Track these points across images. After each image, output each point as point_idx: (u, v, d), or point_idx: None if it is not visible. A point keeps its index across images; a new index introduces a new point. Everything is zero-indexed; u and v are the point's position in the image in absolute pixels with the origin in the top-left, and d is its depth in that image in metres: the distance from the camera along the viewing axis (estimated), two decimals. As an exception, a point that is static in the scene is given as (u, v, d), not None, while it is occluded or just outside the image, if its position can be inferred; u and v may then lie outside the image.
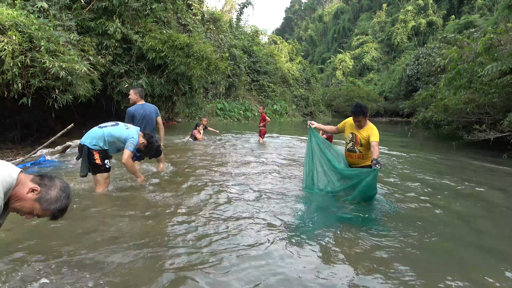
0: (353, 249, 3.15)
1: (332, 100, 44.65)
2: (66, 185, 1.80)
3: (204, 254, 2.84)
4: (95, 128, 4.29)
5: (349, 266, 2.81)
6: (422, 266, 2.89)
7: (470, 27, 35.66)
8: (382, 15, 68.71)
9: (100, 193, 4.29)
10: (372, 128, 4.41)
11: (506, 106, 10.68)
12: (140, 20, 11.18)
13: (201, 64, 11.51)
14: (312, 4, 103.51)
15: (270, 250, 2.98)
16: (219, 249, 2.95)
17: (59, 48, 7.77)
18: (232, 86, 25.94)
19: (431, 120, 14.59)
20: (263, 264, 2.72)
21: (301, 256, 2.93)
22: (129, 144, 4.21)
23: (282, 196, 4.69)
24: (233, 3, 37.98)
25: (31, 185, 1.67)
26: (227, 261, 2.74)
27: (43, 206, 1.68)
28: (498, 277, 2.70)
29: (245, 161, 7.53)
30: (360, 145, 4.48)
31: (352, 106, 4.48)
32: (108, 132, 4.23)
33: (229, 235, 3.26)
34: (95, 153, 4.17)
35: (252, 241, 3.14)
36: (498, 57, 10.11)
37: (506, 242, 3.52)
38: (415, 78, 38.49)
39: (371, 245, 3.20)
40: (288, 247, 3.06)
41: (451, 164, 8.86)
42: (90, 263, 2.55)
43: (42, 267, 2.44)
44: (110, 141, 4.25)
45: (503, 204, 5.03)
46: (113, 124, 4.40)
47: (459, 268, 2.88)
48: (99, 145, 4.19)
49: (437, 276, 2.69)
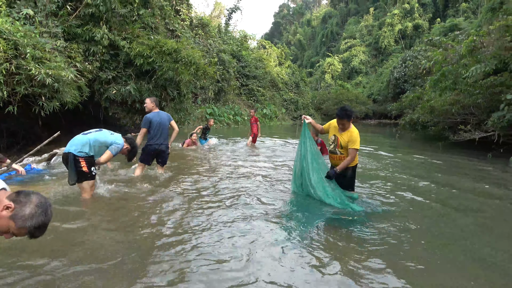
0: (339, 249, 3.20)
1: (321, 104, 44.98)
2: (43, 201, 1.67)
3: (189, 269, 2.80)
4: (79, 136, 4.29)
5: (339, 271, 2.85)
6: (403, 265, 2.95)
7: (455, 29, 36.32)
8: (370, 19, 69.58)
9: (87, 199, 4.28)
10: (352, 133, 4.44)
11: (490, 106, 10.90)
12: (128, 26, 11.14)
13: (190, 70, 11.50)
14: (300, 8, 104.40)
15: (257, 257, 3.00)
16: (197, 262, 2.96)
17: (45, 55, 7.72)
18: (221, 91, 25.95)
19: (418, 121, 14.81)
20: (248, 273, 2.73)
21: (289, 259, 2.96)
22: (113, 148, 4.29)
23: (272, 200, 4.73)
24: (221, 8, 38.17)
25: (6, 202, 1.58)
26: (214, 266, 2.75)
27: (18, 224, 1.58)
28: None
29: (235, 166, 7.56)
30: (341, 147, 4.53)
31: (338, 109, 4.51)
32: (93, 138, 4.24)
33: (218, 241, 3.28)
34: (81, 160, 4.16)
35: (235, 248, 3.13)
36: (481, 59, 10.34)
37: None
38: (402, 81, 39.02)
39: (358, 244, 3.26)
40: (276, 251, 3.09)
41: (437, 164, 9.01)
42: (67, 281, 2.49)
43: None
44: (95, 147, 4.25)
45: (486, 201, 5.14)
46: (97, 130, 4.42)
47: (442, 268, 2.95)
48: (84, 151, 4.18)
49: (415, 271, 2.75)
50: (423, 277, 2.72)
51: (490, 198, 5.42)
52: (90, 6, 9.73)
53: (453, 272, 2.82)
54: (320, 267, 2.83)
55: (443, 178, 7.00)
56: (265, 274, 2.67)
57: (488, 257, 3.12)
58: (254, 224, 3.74)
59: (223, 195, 4.94)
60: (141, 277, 2.56)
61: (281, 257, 2.97)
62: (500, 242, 3.54)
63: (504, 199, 5.38)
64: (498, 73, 10.70)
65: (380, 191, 5.49)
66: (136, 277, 2.56)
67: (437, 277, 2.72)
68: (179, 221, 3.82)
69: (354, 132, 4.43)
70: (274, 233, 3.51)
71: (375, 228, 3.73)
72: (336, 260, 2.95)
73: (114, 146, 4.30)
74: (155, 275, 2.61)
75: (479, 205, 4.96)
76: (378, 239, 3.42)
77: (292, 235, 3.48)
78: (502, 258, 3.11)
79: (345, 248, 3.23)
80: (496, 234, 3.81)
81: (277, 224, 3.77)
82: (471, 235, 3.73)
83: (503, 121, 9.46)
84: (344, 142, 4.47)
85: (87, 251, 2.97)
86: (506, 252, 3.24)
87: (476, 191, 5.90)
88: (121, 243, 3.18)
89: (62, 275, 2.54)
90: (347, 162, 4.38)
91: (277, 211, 4.26)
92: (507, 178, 7.31)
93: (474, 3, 48.79)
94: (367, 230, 3.69)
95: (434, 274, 2.77)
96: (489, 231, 3.89)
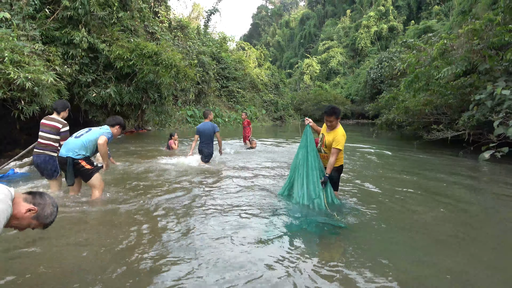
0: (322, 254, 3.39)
1: (300, 104, 45.42)
2: (54, 200, 2.05)
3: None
4: (72, 140, 4.42)
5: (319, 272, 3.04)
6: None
7: (428, 31, 37.44)
8: (346, 20, 70.70)
9: (99, 198, 4.52)
10: (338, 133, 4.48)
11: (460, 106, 11.40)
12: (107, 29, 11.11)
13: (170, 72, 11.55)
14: (279, 10, 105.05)
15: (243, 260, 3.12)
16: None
17: (23, 58, 7.66)
18: (201, 93, 25.97)
19: (394, 121, 15.28)
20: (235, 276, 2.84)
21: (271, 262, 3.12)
22: (105, 133, 4.44)
23: (258, 206, 4.78)
24: (200, 10, 38.09)
25: (27, 205, 1.89)
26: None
27: (40, 221, 1.95)
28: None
29: (221, 168, 7.68)
30: (325, 146, 4.63)
31: (326, 107, 4.61)
32: (86, 139, 4.40)
33: (205, 247, 3.42)
34: (81, 162, 4.34)
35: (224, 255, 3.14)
36: (452, 61, 10.82)
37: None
38: (379, 81, 39.87)
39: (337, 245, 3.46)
40: (260, 256, 3.18)
41: (410, 161, 9.39)
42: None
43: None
44: (90, 147, 4.42)
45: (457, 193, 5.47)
46: (87, 130, 4.55)
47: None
48: (82, 153, 4.35)
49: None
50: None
51: (459, 192, 5.77)
52: (68, 9, 9.69)
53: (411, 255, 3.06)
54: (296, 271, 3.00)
55: (416, 174, 7.35)
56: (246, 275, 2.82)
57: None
58: (236, 230, 3.82)
59: (212, 200, 5.07)
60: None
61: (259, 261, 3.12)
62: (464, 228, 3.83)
63: (472, 192, 5.75)
64: (468, 75, 11.22)
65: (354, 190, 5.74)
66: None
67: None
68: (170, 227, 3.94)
69: (340, 133, 4.46)
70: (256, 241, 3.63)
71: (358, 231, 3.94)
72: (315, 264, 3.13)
73: (105, 133, 4.45)
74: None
75: (448, 194, 5.27)
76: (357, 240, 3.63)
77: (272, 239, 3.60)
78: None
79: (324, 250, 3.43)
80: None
81: (258, 232, 3.81)
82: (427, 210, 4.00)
83: (472, 121, 9.93)
84: (328, 141, 4.52)
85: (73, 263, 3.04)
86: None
87: (446, 184, 6.25)
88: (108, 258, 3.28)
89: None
90: (331, 162, 4.42)
91: (262, 216, 4.35)
92: (475, 173, 7.83)
93: (446, 6, 50.44)
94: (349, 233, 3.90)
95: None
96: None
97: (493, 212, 4.79)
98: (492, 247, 3.47)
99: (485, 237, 3.79)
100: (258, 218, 4.12)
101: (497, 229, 4.09)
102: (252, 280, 2.63)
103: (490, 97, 9.60)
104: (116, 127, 4.65)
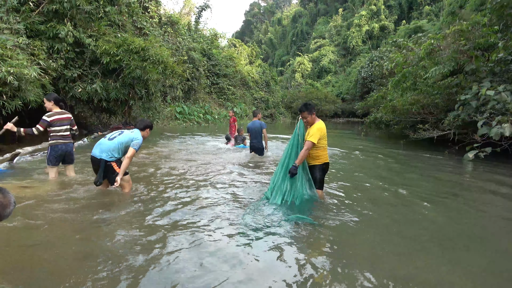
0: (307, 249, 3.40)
1: (291, 102, 45.52)
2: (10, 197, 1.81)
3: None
4: (105, 141, 4.69)
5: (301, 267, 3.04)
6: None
7: (419, 31, 37.82)
8: (338, 19, 70.83)
9: (128, 192, 4.85)
10: (313, 127, 4.51)
11: (447, 106, 11.53)
12: (94, 23, 10.94)
13: (157, 68, 11.45)
14: (271, 7, 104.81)
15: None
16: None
17: (6, 52, 7.52)
18: (191, 89, 25.85)
19: (381, 120, 15.39)
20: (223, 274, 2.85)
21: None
22: (134, 143, 4.64)
23: (241, 205, 4.74)
24: (191, 6, 37.87)
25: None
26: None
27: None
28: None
29: (210, 167, 7.65)
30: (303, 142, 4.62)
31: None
32: (118, 142, 4.65)
33: (192, 246, 3.40)
34: (114, 165, 4.61)
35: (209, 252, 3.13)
36: (439, 61, 10.92)
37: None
38: (369, 80, 40.08)
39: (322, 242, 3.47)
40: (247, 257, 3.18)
41: (396, 160, 9.48)
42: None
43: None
44: (121, 149, 4.68)
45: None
46: (119, 133, 4.79)
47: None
48: (114, 156, 4.64)
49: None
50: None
51: (442, 187, 5.83)
52: (53, 2, 9.53)
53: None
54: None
55: (400, 172, 7.42)
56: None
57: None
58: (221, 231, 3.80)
59: (208, 196, 5.06)
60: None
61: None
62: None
63: (454, 187, 5.82)
64: (455, 75, 11.34)
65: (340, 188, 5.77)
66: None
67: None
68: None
69: (315, 127, 4.48)
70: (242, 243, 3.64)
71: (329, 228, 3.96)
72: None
73: (134, 142, 4.65)
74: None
75: (429, 192, 5.33)
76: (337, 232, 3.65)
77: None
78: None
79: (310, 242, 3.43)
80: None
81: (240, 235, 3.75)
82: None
83: (458, 120, 10.05)
84: (306, 136, 4.54)
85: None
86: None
87: (429, 181, 6.31)
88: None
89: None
90: (301, 154, 4.39)
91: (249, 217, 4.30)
92: (459, 171, 7.96)
93: (437, 7, 50.89)
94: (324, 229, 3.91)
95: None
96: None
97: (475, 206, 4.86)
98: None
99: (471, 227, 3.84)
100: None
101: (480, 223, 4.15)
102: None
103: (475, 97, 9.72)
104: (146, 130, 4.89)
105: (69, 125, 5.44)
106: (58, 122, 5.29)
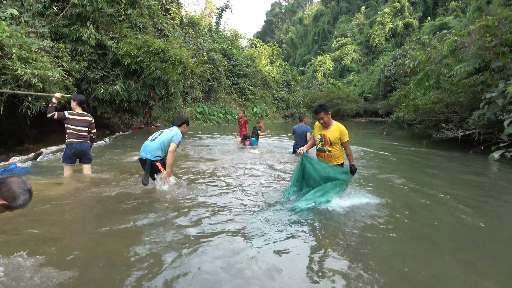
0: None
1: (312, 102, 45.08)
2: (24, 184, 2.02)
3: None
4: (148, 142, 4.99)
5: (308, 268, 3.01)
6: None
7: (444, 28, 36.68)
8: (361, 17, 69.83)
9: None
10: (340, 127, 4.59)
11: (471, 105, 11.17)
12: (115, 26, 11.21)
13: (177, 69, 11.61)
14: (292, 7, 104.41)
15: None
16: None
17: (31, 55, 7.78)
18: (212, 90, 26.04)
19: (404, 120, 15.07)
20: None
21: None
22: (175, 139, 4.95)
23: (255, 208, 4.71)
24: (212, 7, 38.17)
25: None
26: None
27: (13, 209, 2.00)
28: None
29: (228, 167, 7.67)
30: (330, 144, 4.58)
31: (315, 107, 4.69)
32: (160, 141, 4.94)
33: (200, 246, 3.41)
34: (158, 164, 4.91)
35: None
36: (463, 58, 10.59)
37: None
38: (392, 79, 39.31)
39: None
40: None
41: (419, 160, 9.24)
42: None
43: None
44: (164, 148, 4.96)
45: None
46: (160, 133, 5.09)
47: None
48: (159, 155, 4.93)
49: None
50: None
51: (467, 188, 5.64)
52: (77, 6, 9.79)
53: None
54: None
55: (424, 173, 7.22)
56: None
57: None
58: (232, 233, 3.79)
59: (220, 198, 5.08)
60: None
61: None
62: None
63: (480, 188, 5.61)
64: (480, 73, 10.97)
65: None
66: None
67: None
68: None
69: (342, 127, 4.57)
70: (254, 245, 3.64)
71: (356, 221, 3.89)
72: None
73: (174, 138, 4.95)
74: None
75: (454, 195, 5.16)
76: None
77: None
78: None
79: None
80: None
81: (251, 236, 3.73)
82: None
83: (483, 119, 9.71)
84: (334, 137, 4.52)
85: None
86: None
87: (453, 182, 6.11)
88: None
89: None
90: (350, 154, 4.67)
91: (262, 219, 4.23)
92: (484, 172, 7.70)
93: (463, 2, 49.22)
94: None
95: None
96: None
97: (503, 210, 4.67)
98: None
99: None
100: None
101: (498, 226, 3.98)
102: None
103: (501, 96, 9.38)
104: (183, 125, 5.22)
105: (87, 127, 5.55)
106: (76, 122, 5.42)
